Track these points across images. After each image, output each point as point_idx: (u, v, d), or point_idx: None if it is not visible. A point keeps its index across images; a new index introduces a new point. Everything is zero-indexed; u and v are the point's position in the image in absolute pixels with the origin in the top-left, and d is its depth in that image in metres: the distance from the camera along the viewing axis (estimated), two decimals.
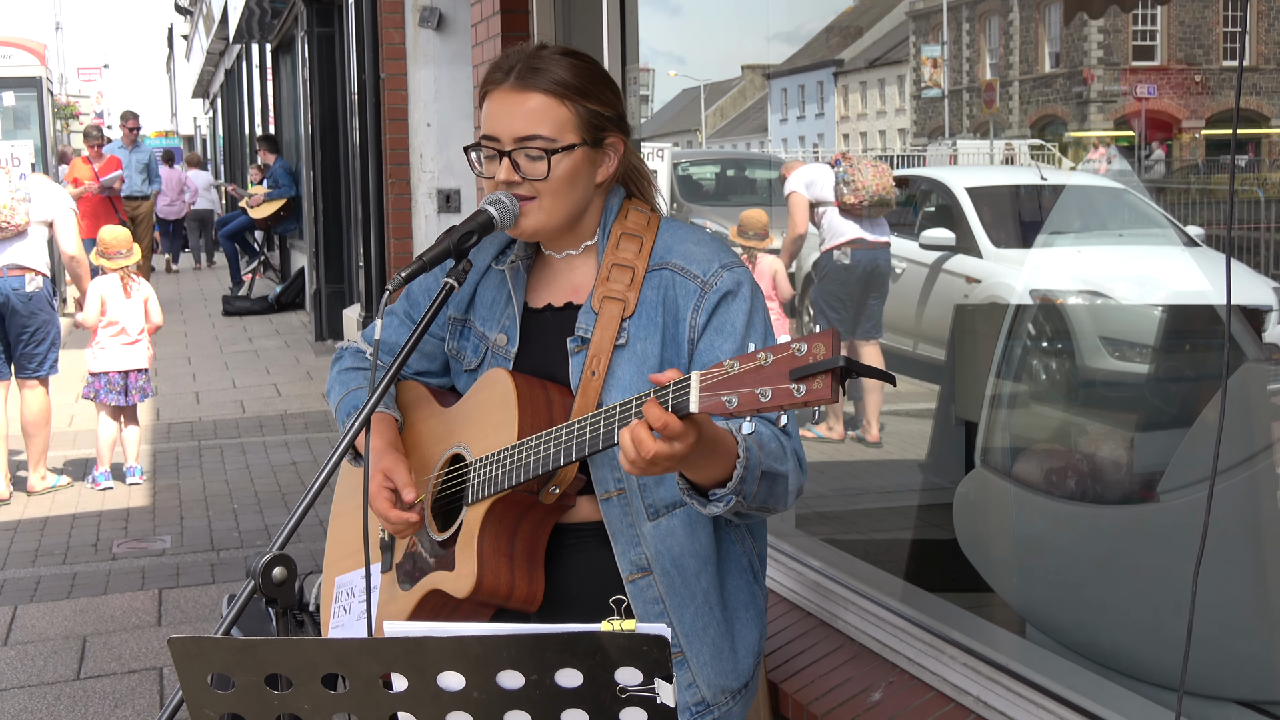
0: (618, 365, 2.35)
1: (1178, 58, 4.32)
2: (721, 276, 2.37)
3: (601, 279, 2.40)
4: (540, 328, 2.47)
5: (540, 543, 2.36)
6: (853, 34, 6.67)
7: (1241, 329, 3.07)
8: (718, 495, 2.09)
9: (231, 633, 2.06)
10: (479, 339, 2.53)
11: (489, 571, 2.28)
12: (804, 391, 1.77)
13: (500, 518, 2.31)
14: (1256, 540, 2.92)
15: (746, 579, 2.46)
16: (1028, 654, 3.32)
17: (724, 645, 2.40)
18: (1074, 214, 4.30)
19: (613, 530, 2.35)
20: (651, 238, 2.44)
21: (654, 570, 2.35)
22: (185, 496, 8.40)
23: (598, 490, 2.35)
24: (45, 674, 5.50)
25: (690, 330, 2.36)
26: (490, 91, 2.40)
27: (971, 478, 3.90)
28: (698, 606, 2.37)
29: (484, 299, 2.56)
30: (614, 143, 2.44)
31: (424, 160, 10.53)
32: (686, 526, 2.36)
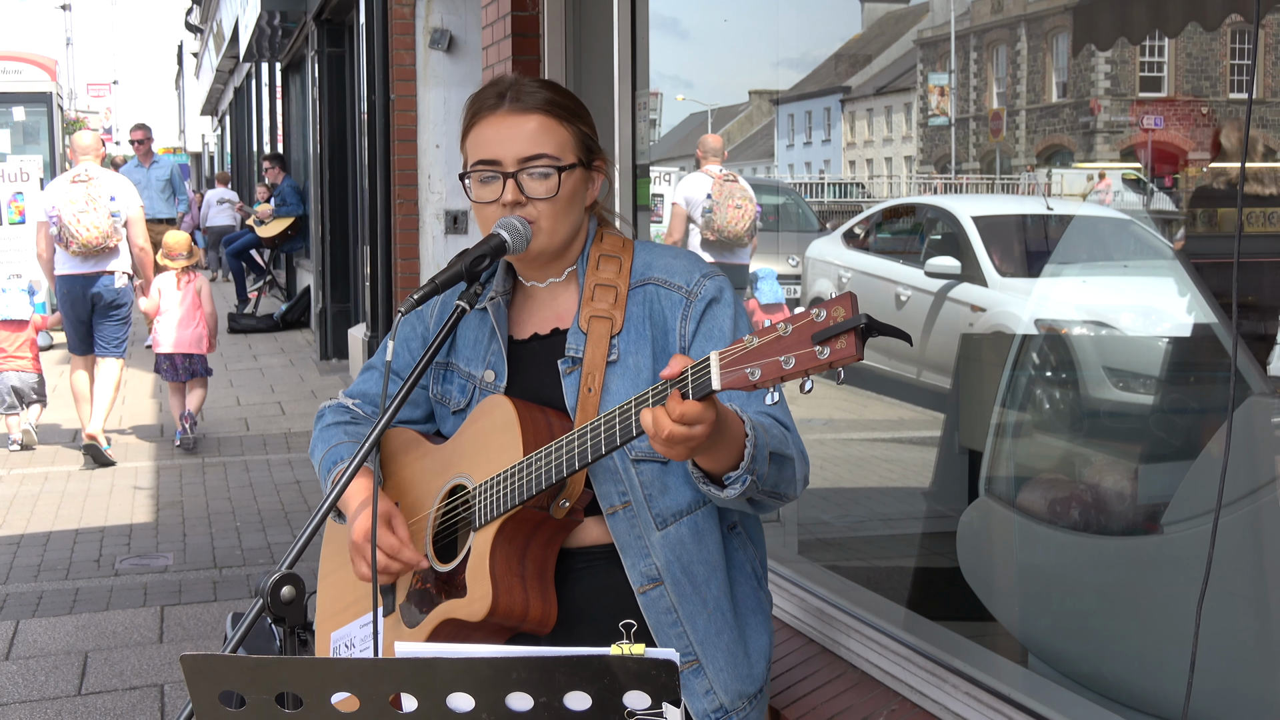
0: (611, 381, 2.38)
1: (1185, 90, 4.33)
2: (704, 285, 2.43)
3: (586, 299, 2.43)
4: (529, 358, 2.49)
5: (550, 562, 2.37)
6: (860, 61, 6.69)
7: (1247, 362, 3.07)
8: (732, 478, 2.12)
9: (238, 651, 2.07)
10: (464, 379, 2.55)
11: (503, 591, 2.29)
12: (828, 353, 1.78)
13: (510, 538, 2.32)
14: (1260, 574, 2.93)
15: (752, 585, 2.49)
16: (1030, 684, 3.32)
17: (738, 650, 2.42)
18: (1081, 244, 4.31)
19: (621, 544, 2.37)
20: (629, 258, 2.48)
21: (665, 580, 2.36)
22: (188, 513, 8.40)
23: (603, 506, 2.36)
24: (47, 689, 5.50)
25: (681, 339, 2.40)
26: (483, 117, 2.43)
27: (975, 507, 3.90)
28: (710, 613, 2.39)
29: (465, 339, 2.58)
30: (600, 165, 2.50)
31: (432, 181, 10.56)
32: (694, 534, 2.38)
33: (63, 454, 10.19)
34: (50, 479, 9.38)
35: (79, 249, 9.69)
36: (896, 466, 4.83)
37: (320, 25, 15.02)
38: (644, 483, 2.36)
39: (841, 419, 5.00)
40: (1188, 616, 2.80)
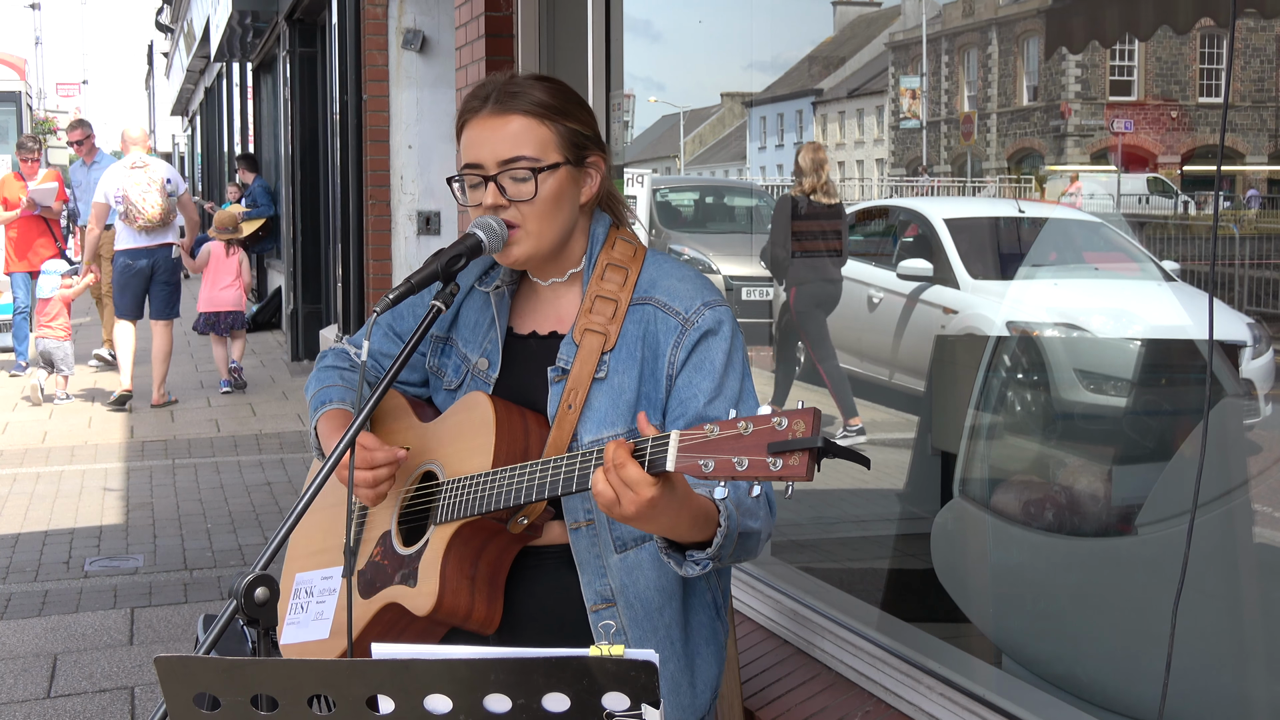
0: (594, 398, 2.36)
1: (1154, 93, 4.35)
2: (703, 314, 2.38)
3: (584, 310, 2.41)
4: (524, 355, 2.48)
5: (503, 568, 2.37)
6: (833, 64, 6.70)
7: (1220, 364, 3.08)
8: (695, 558, 2.13)
9: (211, 653, 2.05)
10: (460, 359, 2.53)
11: (449, 593, 2.29)
12: (780, 466, 1.80)
13: (466, 540, 2.32)
14: (1233, 574, 2.94)
15: (710, 615, 2.47)
16: (1004, 685, 3.33)
17: (683, 680, 2.40)
18: (1054, 247, 4.33)
19: (580, 560, 2.36)
20: (637, 270, 2.44)
21: (618, 602, 2.35)
22: (159, 515, 8.36)
23: (567, 520, 2.36)
24: (15, 692, 5.46)
25: (669, 366, 2.37)
26: (469, 121, 2.41)
27: (949, 508, 3.91)
28: (659, 641, 2.37)
29: (467, 320, 2.56)
30: (595, 161, 2.46)
31: (405, 182, 10.55)
32: (654, 561, 2.36)
33: (32, 454, 10.13)
34: (19, 480, 9.33)
35: (144, 224, 11.50)
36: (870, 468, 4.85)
37: (292, 25, 14.98)
38: None
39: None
40: (1162, 617, 2.81)
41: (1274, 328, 3.44)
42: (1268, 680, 2.83)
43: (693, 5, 6.02)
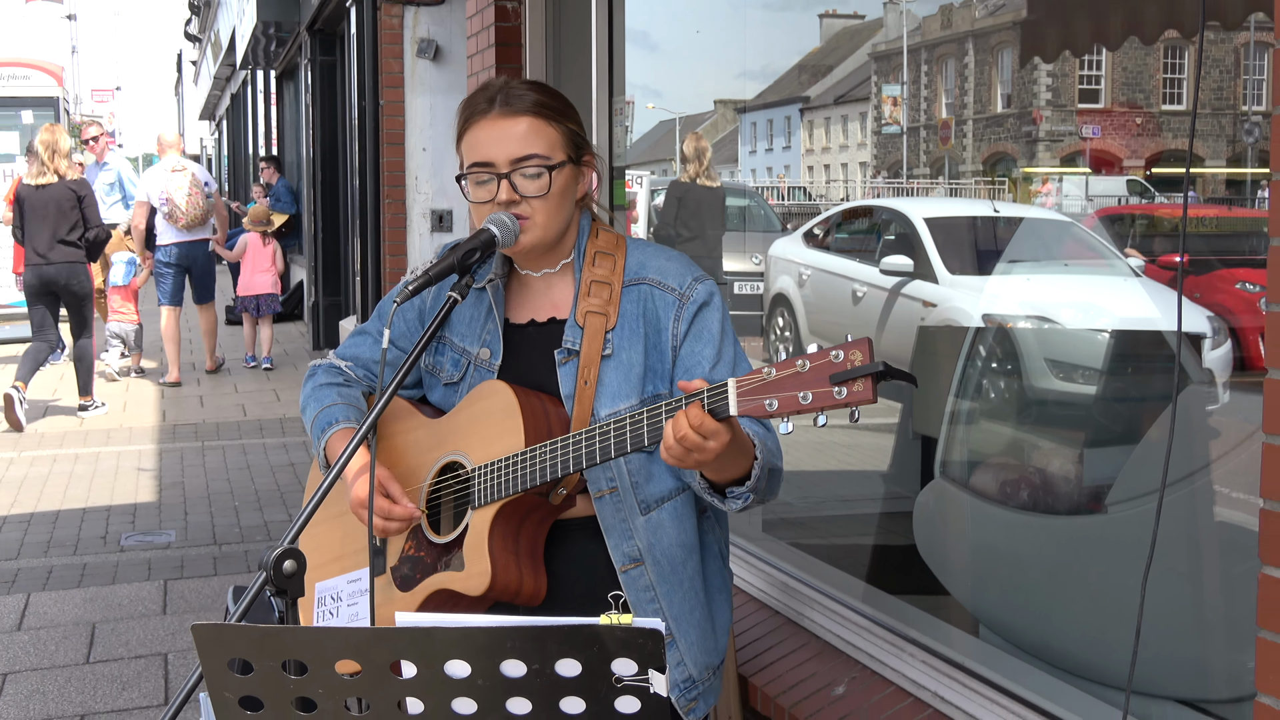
0: (606, 374, 2.37)
1: (1120, 101, 4.34)
2: (696, 288, 2.41)
3: (583, 295, 2.41)
4: (524, 342, 2.47)
5: (540, 541, 2.37)
6: (819, 72, 6.69)
7: (1185, 354, 3.08)
8: (736, 493, 2.17)
9: (243, 622, 2.05)
10: (458, 354, 2.52)
11: (501, 570, 2.28)
12: (845, 394, 1.81)
13: (508, 519, 2.31)
14: (1196, 550, 2.94)
15: (719, 564, 2.50)
16: (982, 653, 3.33)
17: (707, 626, 2.42)
18: (1028, 244, 4.32)
19: (606, 525, 2.36)
20: (622, 256, 2.45)
21: (646, 561, 2.36)
22: (189, 493, 8.37)
23: (592, 490, 2.36)
24: (56, 658, 5.47)
25: (673, 338, 2.39)
26: (475, 121, 2.40)
27: (930, 488, 3.91)
28: (685, 592, 2.39)
29: (461, 316, 2.54)
30: (589, 160, 2.48)
31: (419, 182, 10.54)
32: (674, 519, 2.38)
33: (70, 436, 10.13)
34: (59, 460, 9.33)
35: (187, 223, 12.18)
36: (855, 451, 4.83)
37: (313, 35, 14.96)
38: (631, 470, 2.36)
39: None
40: (1130, 590, 2.81)
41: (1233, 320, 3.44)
42: (1228, 649, 2.83)
43: (689, 17, 6.01)
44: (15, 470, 9.03)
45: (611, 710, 1.58)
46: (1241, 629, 2.69)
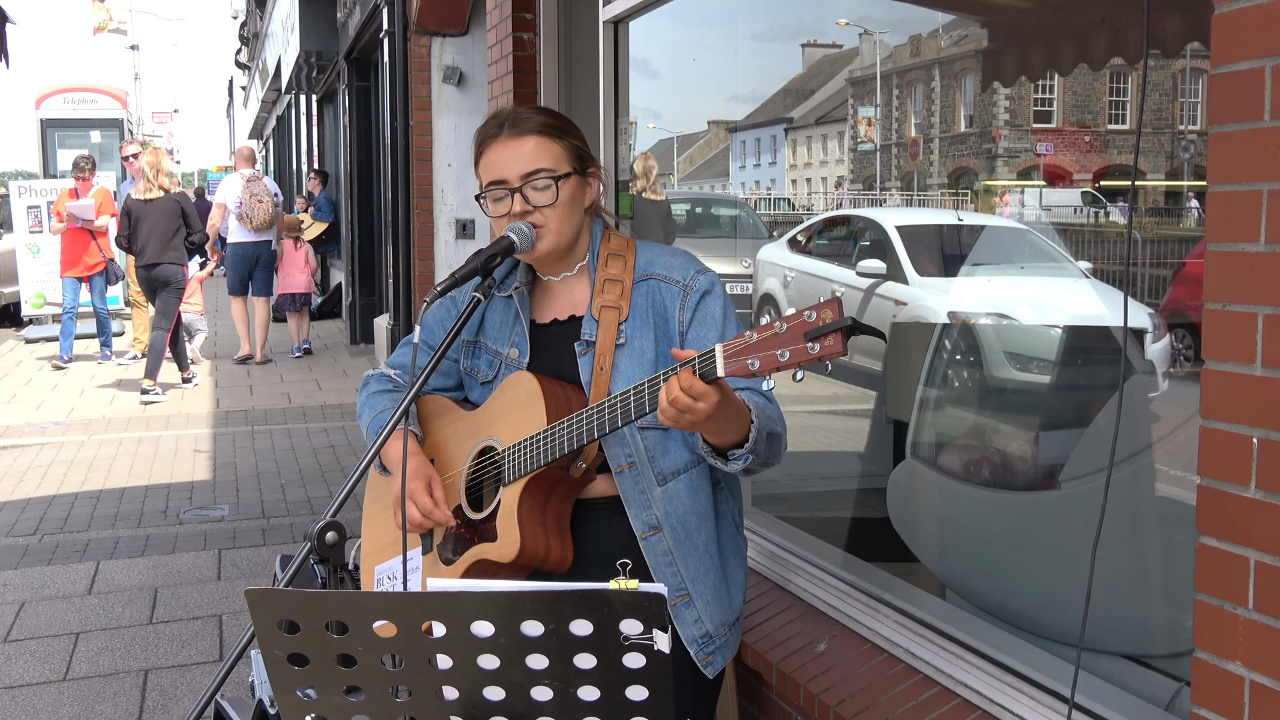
0: (620, 360, 2.37)
1: (1071, 121, 4.32)
2: (698, 280, 2.42)
3: (598, 292, 2.42)
4: (548, 339, 2.48)
5: (567, 512, 2.37)
6: (802, 96, 6.66)
7: (1130, 347, 3.08)
8: (736, 455, 2.17)
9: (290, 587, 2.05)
10: (491, 355, 2.53)
11: (529, 538, 2.29)
12: (818, 349, 1.80)
13: (534, 493, 2.31)
14: (1140, 522, 2.93)
15: (733, 531, 2.49)
16: (948, 613, 3.33)
17: (721, 587, 2.42)
18: (989, 249, 4.31)
19: (627, 497, 2.36)
20: (632, 257, 2.46)
21: (663, 528, 2.36)
22: (240, 472, 8.38)
23: (612, 465, 2.36)
24: (123, 619, 5.48)
25: (680, 325, 2.40)
26: (488, 145, 2.41)
27: (902, 467, 3.90)
28: (700, 556, 2.39)
29: (492, 322, 2.55)
30: (594, 171, 2.49)
31: (445, 195, 10.53)
32: (689, 489, 2.38)
33: (134, 422, 10.14)
34: (124, 443, 9.35)
35: (257, 226, 12.90)
36: (834, 434, 4.83)
37: (350, 63, 14.95)
38: (648, 446, 2.36)
39: (787, 394, 4.99)
40: (1081, 558, 2.80)
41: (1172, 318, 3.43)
42: (1167, 609, 2.83)
43: (685, 47, 5.99)
44: (85, 452, 9.05)
45: (620, 666, 1.57)
46: (1180, 592, 2.69)
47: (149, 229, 11.04)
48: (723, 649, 2.42)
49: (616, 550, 2.37)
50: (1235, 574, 2.03)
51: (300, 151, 24.81)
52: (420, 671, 1.61)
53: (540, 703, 1.61)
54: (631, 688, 1.59)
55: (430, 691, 1.62)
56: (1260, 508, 1.98)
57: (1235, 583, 2.03)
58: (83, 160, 13.32)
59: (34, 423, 10.08)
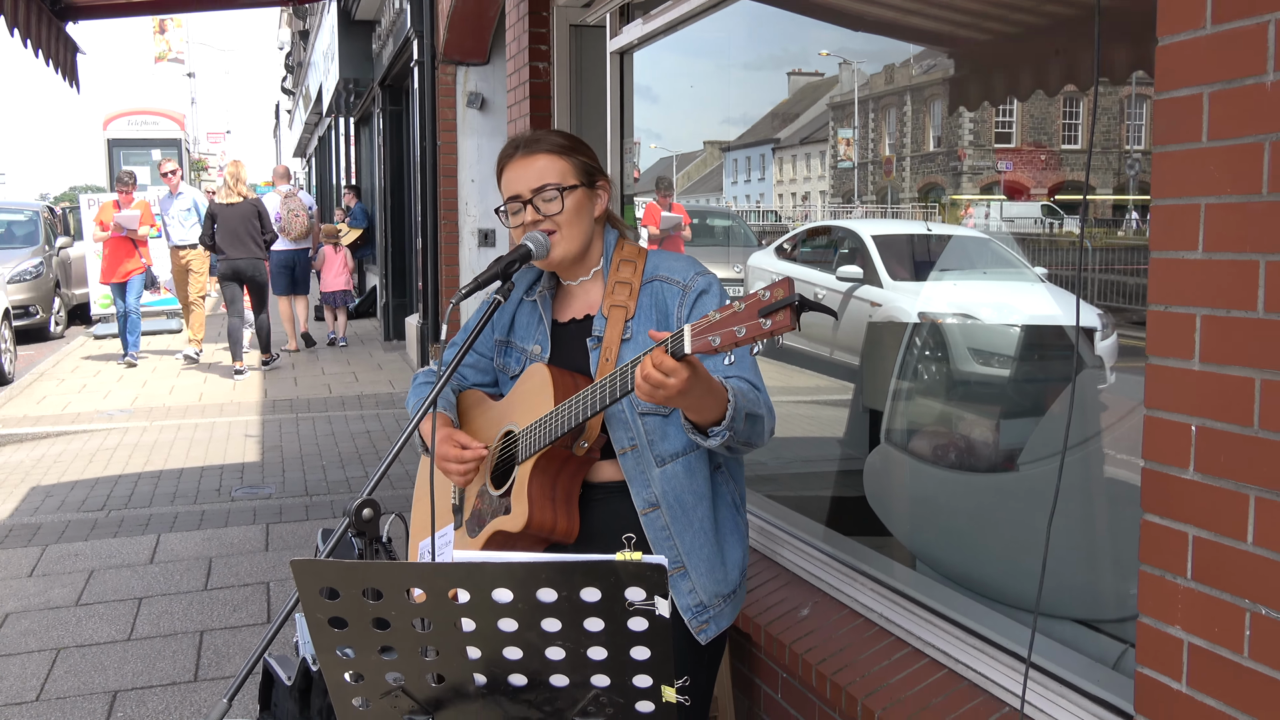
0: (625, 353, 2.38)
1: (1029, 141, 4.31)
2: (697, 281, 2.41)
3: (608, 293, 2.42)
4: (567, 337, 2.48)
5: (575, 489, 2.36)
6: (788, 119, 6.65)
7: (1081, 344, 3.07)
8: (715, 431, 2.12)
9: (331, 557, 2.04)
10: (519, 353, 2.54)
11: (537, 510, 2.28)
12: (770, 324, 1.77)
13: (544, 470, 2.31)
14: (1090, 500, 2.93)
15: (732, 511, 2.47)
16: (918, 582, 3.32)
17: (716, 561, 2.40)
18: (955, 256, 4.30)
19: (629, 476, 2.35)
20: (642, 262, 2.46)
21: (661, 505, 2.35)
22: (286, 455, 8.38)
23: (616, 448, 2.35)
24: (182, 585, 5.48)
25: (679, 320, 2.39)
26: (506, 165, 2.43)
27: (877, 452, 3.90)
28: (695, 531, 2.37)
29: (520, 323, 2.57)
30: (602, 184, 2.48)
31: (468, 207, 10.52)
32: (686, 471, 2.36)
33: (191, 410, 10.14)
34: (182, 429, 9.36)
35: (294, 236, 13.32)
36: (817, 422, 4.82)
37: (384, 89, 14.94)
38: (648, 430, 2.35)
39: (775, 386, 4.99)
40: (1037, 532, 2.80)
41: (1118, 317, 3.42)
42: (1114, 578, 2.82)
43: (683, 75, 5.98)
44: (148, 437, 9.06)
45: (625, 629, 1.57)
46: (1126, 563, 2.69)
47: (230, 229, 11.73)
48: (716, 619, 2.41)
49: (622, 527, 2.37)
50: (1175, 548, 2.03)
51: (340, 169, 24.81)
52: (447, 633, 1.61)
53: (554, 661, 1.61)
54: (635, 648, 1.59)
55: (455, 651, 1.62)
56: (1197, 488, 1.98)
57: (1175, 555, 2.03)
58: (125, 175, 13.23)
59: (102, 410, 10.10)
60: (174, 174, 12.94)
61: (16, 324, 14.73)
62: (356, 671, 1.69)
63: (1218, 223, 1.93)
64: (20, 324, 15.11)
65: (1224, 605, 1.94)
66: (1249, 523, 1.89)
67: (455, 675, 1.65)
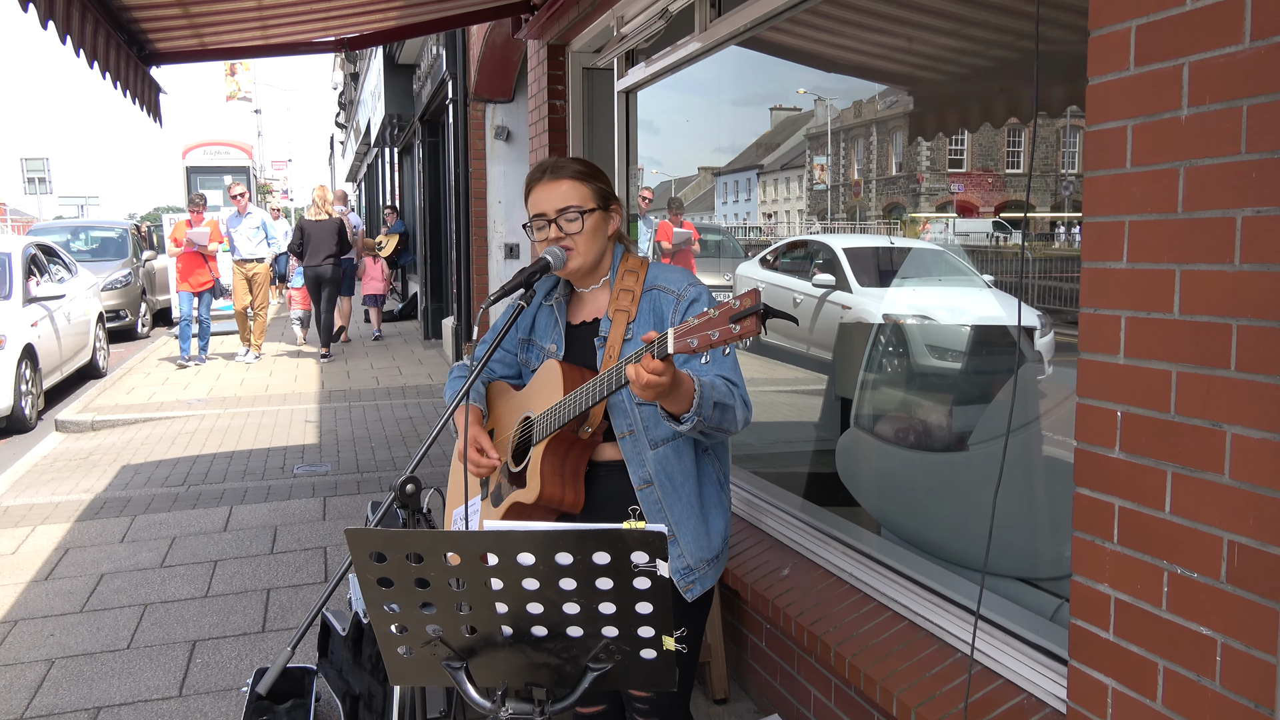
0: (625, 352, 2.37)
1: (977, 166, 4.31)
2: (689, 290, 2.40)
3: (613, 299, 2.41)
4: (578, 336, 2.48)
5: (581, 467, 2.36)
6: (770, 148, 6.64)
7: (1023, 341, 3.07)
8: (684, 418, 2.11)
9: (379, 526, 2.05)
10: (539, 350, 2.54)
11: (548, 485, 2.29)
12: (739, 329, 1.77)
13: (554, 450, 2.31)
14: (1030, 475, 2.93)
15: (716, 488, 2.46)
16: (883, 546, 3.33)
17: (701, 530, 2.39)
18: (914, 266, 4.30)
19: (627, 457, 2.35)
20: (644, 274, 2.45)
21: (655, 481, 2.35)
22: (340, 438, 8.39)
23: (616, 433, 2.35)
24: (251, 549, 5.49)
25: (672, 325, 2.37)
26: (533, 187, 2.42)
27: (848, 434, 3.90)
28: (683, 505, 2.36)
29: (540, 324, 2.56)
30: (615, 208, 2.47)
31: (496, 224, 10.52)
32: (675, 453, 2.36)
33: (259, 399, 10.15)
34: (251, 415, 9.37)
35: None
36: (796, 408, 4.82)
37: (423, 123, 14.93)
38: (643, 418, 2.35)
39: (760, 378, 4.98)
40: (985, 503, 2.80)
41: (1054, 318, 3.42)
42: (1051, 542, 2.82)
43: (681, 110, 5.97)
44: (222, 422, 9.07)
45: (631, 587, 1.58)
46: (1062, 530, 2.69)
47: (316, 241, 12.30)
48: (701, 580, 2.41)
49: (622, 500, 2.37)
50: (1104, 516, 2.03)
51: (385, 192, 24.81)
52: (478, 591, 1.62)
53: (570, 615, 1.62)
54: (639, 604, 1.59)
55: (486, 606, 1.63)
56: (1123, 465, 1.98)
57: (1104, 523, 2.03)
58: (196, 198, 12.98)
59: (182, 400, 10.11)
60: (242, 196, 12.78)
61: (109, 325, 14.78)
62: (401, 624, 1.69)
63: (1139, 237, 1.93)
64: (112, 325, 15.16)
65: (1145, 566, 1.95)
66: (1167, 495, 1.90)
67: (485, 627, 1.65)
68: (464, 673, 1.70)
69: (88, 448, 8.22)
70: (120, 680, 4.02)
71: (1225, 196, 1.77)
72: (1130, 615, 1.98)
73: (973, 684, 2.57)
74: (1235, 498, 1.77)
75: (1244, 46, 1.73)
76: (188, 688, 3.94)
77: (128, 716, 3.73)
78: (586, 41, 5.98)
